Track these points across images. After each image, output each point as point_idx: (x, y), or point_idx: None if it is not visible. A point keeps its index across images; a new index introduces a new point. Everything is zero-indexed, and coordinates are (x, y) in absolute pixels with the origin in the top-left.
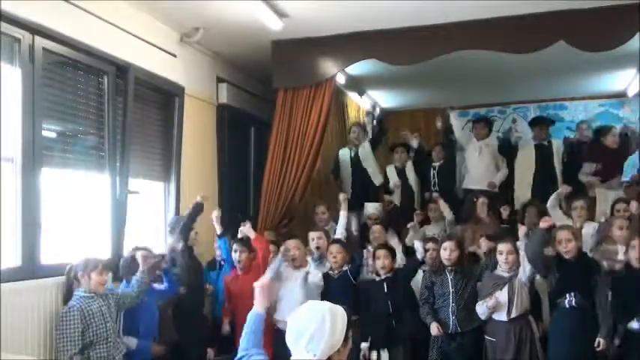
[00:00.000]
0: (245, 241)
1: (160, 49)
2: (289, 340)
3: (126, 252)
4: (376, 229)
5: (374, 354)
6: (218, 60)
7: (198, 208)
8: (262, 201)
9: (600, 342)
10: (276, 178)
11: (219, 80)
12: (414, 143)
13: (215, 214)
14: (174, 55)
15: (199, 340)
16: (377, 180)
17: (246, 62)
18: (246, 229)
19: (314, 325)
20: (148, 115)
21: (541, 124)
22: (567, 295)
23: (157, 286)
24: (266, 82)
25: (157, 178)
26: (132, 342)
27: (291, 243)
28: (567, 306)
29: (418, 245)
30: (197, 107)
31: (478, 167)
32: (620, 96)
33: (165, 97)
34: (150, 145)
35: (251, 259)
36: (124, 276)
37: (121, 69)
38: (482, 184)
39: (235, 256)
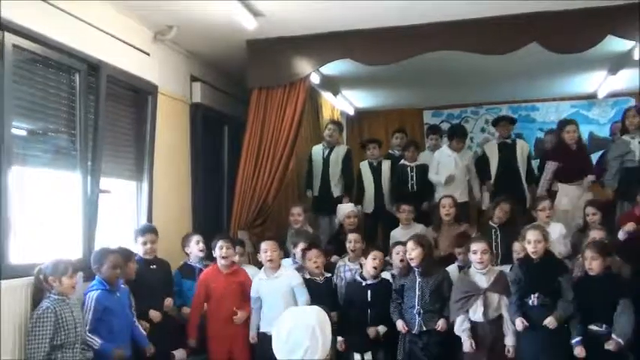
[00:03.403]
0: (231, 239)
1: (133, 47)
2: (280, 351)
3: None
4: (354, 237)
5: (357, 356)
6: (192, 59)
7: None
8: (236, 201)
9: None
10: (250, 177)
11: (193, 79)
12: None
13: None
14: (148, 54)
15: (165, 341)
16: (336, 191)
17: (220, 61)
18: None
19: (307, 342)
20: (120, 113)
21: (503, 122)
22: (532, 296)
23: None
24: (240, 82)
25: (129, 178)
26: (95, 342)
27: (268, 245)
28: (532, 305)
29: None
30: (170, 106)
31: (454, 180)
32: (591, 97)
33: (138, 96)
34: (122, 143)
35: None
36: (95, 271)
37: (93, 67)
38: (458, 197)
39: (221, 252)
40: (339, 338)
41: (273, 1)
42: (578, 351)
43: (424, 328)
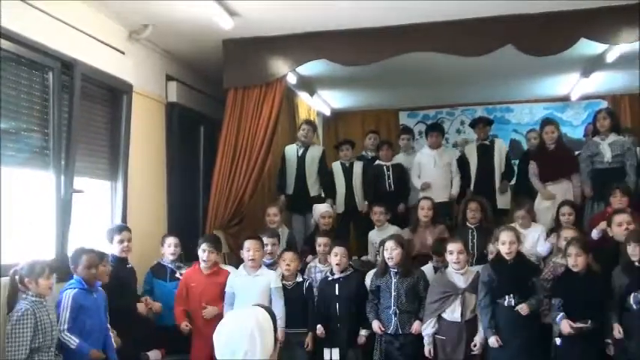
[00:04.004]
0: (214, 241)
1: (108, 45)
2: (221, 354)
3: (70, 252)
4: (323, 241)
5: (327, 353)
6: (168, 58)
7: None
8: (212, 200)
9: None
10: (226, 177)
11: (169, 78)
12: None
13: None
14: (123, 52)
15: (138, 342)
16: (313, 190)
17: (196, 60)
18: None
19: (246, 346)
20: (94, 112)
21: (480, 124)
22: (507, 296)
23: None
24: (216, 81)
25: (103, 177)
26: (72, 342)
27: (252, 244)
28: (506, 305)
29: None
30: (146, 105)
31: (434, 179)
32: (564, 100)
33: (112, 95)
34: (96, 143)
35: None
36: (72, 270)
37: (67, 65)
38: (439, 196)
39: (204, 255)
40: (318, 325)
41: (250, 1)
42: (564, 325)
43: (400, 330)
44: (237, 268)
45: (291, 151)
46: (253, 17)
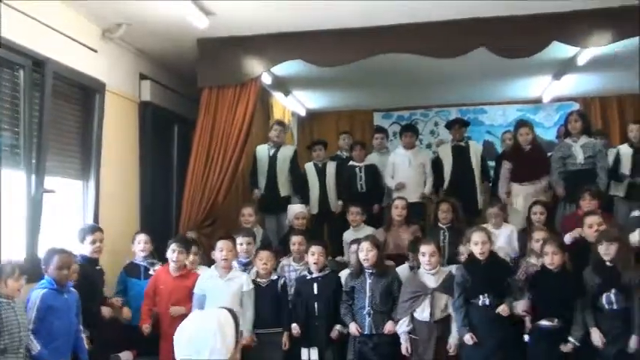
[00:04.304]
0: (184, 241)
1: (81, 43)
2: (184, 353)
3: (41, 253)
4: (297, 240)
5: (304, 352)
6: (141, 57)
7: None
8: (185, 200)
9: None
10: (200, 177)
11: (142, 77)
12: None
13: None
14: (96, 51)
15: (108, 344)
16: (284, 190)
17: (170, 60)
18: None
19: (210, 344)
20: (66, 111)
21: (456, 125)
22: (481, 296)
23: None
24: (191, 81)
25: (75, 177)
26: (35, 346)
27: (225, 245)
28: (480, 305)
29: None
30: (119, 104)
31: (408, 179)
32: (537, 102)
33: (85, 93)
34: (68, 142)
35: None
36: (44, 271)
37: (38, 63)
38: (413, 196)
39: (173, 256)
40: (294, 325)
41: (225, 1)
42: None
43: (374, 330)
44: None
45: (263, 151)
46: (228, 17)
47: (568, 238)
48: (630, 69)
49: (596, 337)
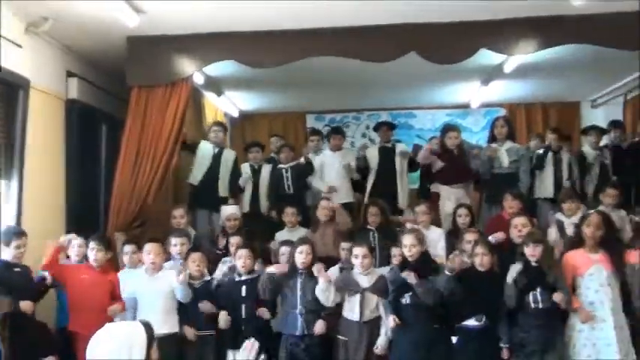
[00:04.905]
0: (103, 240)
1: (4, 38)
2: None
3: None
4: (236, 241)
5: (230, 355)
6: (69, 53)
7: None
8: (113, 201)
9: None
10: (129, 178)
11: (70, 74)
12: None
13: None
14: (20, 46)
15: (34, 348)
16: (222, 191)
17: (99, 57)
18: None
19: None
20: None
21: (384, 127)
22: (405, 295)
23: None
24: (120, 79)
25: None
26: None
27: (152, 247)
28: (405, 303)
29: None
30: (44, 102)
31: (337, 181)
32: (465, 107)
33: (8, 90)
34: None
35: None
36: None
37: None
38: (341, 197)
39: (92, 254)
40: (222, 312)
41: (156, 0)
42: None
43: (306, 331)
44: None
45: (207, 148)
46: (159, 15)
47: (492, 239)
48: (554, 77)
49: (559, 297)
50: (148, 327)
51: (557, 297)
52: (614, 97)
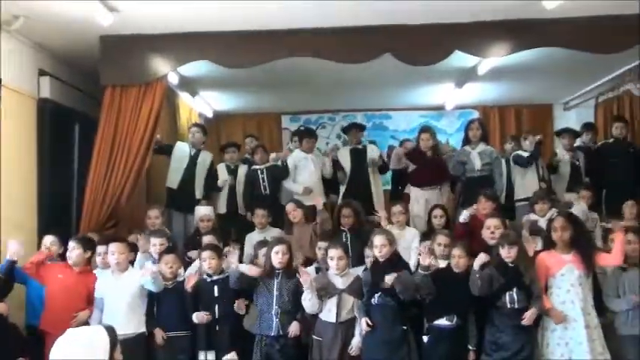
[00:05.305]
0: (83, 240)
1: None
2: None
3: None
4: (208, 239)
5: (201, 355)
6: (41, 52)
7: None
8: (86, 201)
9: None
10: (102, 178)
11: (42, 73)
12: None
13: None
14: None
15: (6, 351)
16: (198, 193)
17: (72, 56)
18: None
19: None
20: None
21: (354, 129)
22: (375, 295)
23: None
24: (94, 78)
25: None
26: None
27: (116, 247)
28: (374, 303)
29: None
30: (15, 100)
31: (312, 182)
32: (440, 109)
33: None
34: None
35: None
36: None
37: None
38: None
39: (72, 254)
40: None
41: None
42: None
43: (281, 332)
44: None
45: (184, 149)
46: (133, 14)
47: (463, 216)
48: (527, 80)
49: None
50: (110, 330)
51: (528, 318)
52: (585, 100)
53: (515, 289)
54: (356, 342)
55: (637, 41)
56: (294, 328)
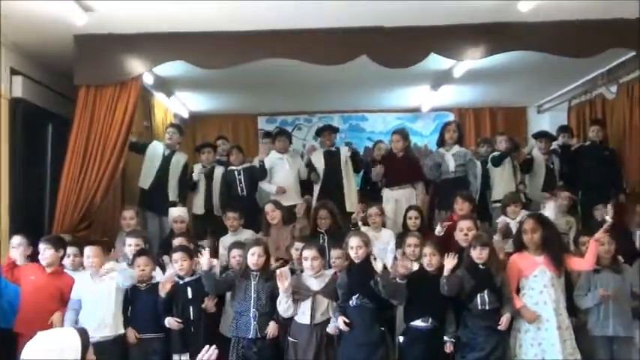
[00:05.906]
0: (52, 239)
1: None
2: None
3: None
4: (179, 241)
5: (176, 357)
6: (13, 50)
7: None
8: (59, 202)
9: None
10: (76, 178)
11: (14, 72)
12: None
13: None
14: None
15: None
16: (172, 195)
17: (46, 55)
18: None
19: None
20: None
21: (326, 132)
22: (353, 297)
23: None
24: (68, 78)
25: None
26: None
27: (92, 251)
28: (352, 305)
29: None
30: None
31: (287, 182)
32: (415, 111)
33: None
34: None
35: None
36: None
37: None
38: (291, 199)
39: (44, 254)
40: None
41: None
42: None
43: (259, 334)
44: None
45: (157, 149)
46: (108, 14)
47: (438, 229)
48: (502, 82)
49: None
50: (82, 332)
51: (504, 324)
52: (559, 103)
53: (486, 291)
54: (331, 326)
55: (609, 45)
56: (272, 329)
